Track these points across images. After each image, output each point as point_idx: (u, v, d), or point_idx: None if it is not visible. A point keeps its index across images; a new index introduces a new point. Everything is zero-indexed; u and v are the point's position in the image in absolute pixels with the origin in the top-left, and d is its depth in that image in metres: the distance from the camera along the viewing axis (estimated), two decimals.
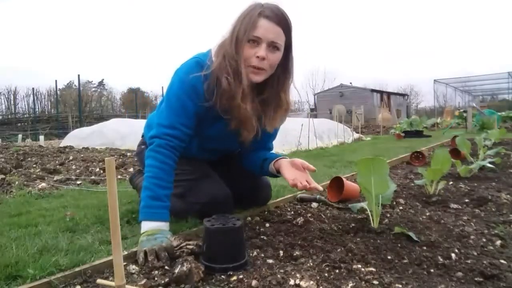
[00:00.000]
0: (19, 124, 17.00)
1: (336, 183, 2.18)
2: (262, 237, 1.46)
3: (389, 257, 1.23)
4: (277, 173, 1.65)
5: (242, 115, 1.49)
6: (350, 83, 30.52)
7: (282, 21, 1.44)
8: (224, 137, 1.64)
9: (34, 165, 4.02)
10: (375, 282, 1.04)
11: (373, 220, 1.56)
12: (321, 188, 1.54)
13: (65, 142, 7.56)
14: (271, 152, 1.84)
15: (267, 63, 1.45)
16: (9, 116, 18.34)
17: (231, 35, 1.45)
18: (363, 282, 1.04)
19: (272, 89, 1.55)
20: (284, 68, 1.54)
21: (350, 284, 1.02)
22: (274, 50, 1.45)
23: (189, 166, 1.70)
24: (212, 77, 1.46)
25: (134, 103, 23.80)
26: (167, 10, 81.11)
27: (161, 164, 1.44)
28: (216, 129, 1.61)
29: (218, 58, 1.46)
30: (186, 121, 1.50)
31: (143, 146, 1.89)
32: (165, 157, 1.45)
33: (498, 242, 1.37)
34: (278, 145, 5.37)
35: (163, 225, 1.37)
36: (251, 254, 1.27)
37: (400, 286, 1.02)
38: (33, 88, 18.45)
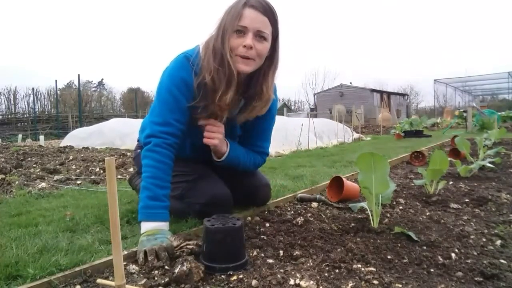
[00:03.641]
0: (19, 124, 16.97)
1: (336, 183, 2.18)
2: (262, 237, 1.46)
3: (389, 257, 1.23)
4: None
5: (217, 108, 1.50)
6: (350, 83, 30.50)
7: (268, 11, 1.44)
8: None
9: (34, 165, 4.02)
10: (375, 282, 1.04)
11: (373, 220, 1.56)
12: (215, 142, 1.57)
13: (65, 142, 7.56)
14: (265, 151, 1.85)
15: (254, 53, 1.44)
16: (9, 116, 18.30)
17: (218, 30, 1.46)
18: (363, 282, 1.04)
19: (257, 83, 1.54)
20: (270, 60, 1.53)
21: (350, 284, 1.02)
22: (261, 40, 1.45)
23: (187, 167, 1.70)
24: (201, 75, 1.47)
25: (134, 103, 23.78)
26: (167, 9, 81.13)
27: (159, 164, 1.43)
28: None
29: (205, 56, 1.46)
30: (179, 116, 1.50)
31: (139, 150, 1.88)
32: (163, 156, 1.44)
33: (498, 242, 1.37)
34: (278, 145, 5.37)
35: (163, 225, 1.37)
36: (251, 254, 1.27)
37: (400, 286, 1.02)
38: (33, 88, 18.42)
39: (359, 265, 1.15)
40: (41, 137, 9.62)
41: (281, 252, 1.28)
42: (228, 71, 1.43)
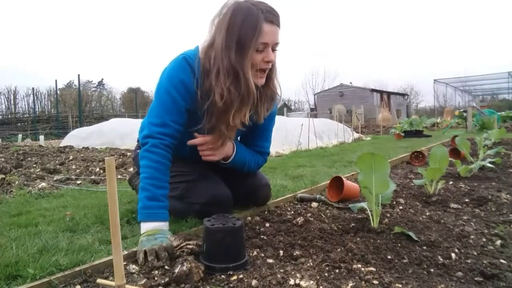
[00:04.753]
0: (19, 124, 16.98)
1: (336, 183, 2.18)
2: (262, 237, 1.46)
3: (389, 257, 1.23)
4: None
5: (224, 129, 1.50)
6: (350, 82, 30.52)
7: (279, 22, 1.45)
8: None
9: (34, 165, 4.02)
10: (375, 282, 1.04)
11: (373, 220, 1.56)
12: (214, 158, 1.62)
13: (65, 142, 7.56)
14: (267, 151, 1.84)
15: (270, 64, 1.47)
16: (9, 116, 18.32)
17: (229, 42, 1.38)
18: (363, 282, 1.04)
19: (267, 83, 1.54)
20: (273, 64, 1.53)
21: (350, 284, 1.02)
22: (275, 51, 1.47)
23: (187, 167, 1.70)
24: (208, 94, 1.45)
25: (134, 102, 23.79)
26: (167, 9, 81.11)
27: (156, 164, 1.43)
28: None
29: (212, 72, 1.41)
30: (177, 118, 1.49)
31: (138, 150, 1.88)
32: (160, 156, 1.44)
33: (498, 242, 1.37)
34: (278, 145, 5.37)
35: (163, 225, 1.37)
36: (251, 254, 1.27)
37: (400, 286, 1.02)
38: (33, 88, 18.43)
39: (359, 265, 1.15)
40: (41, 137, 9.62)
41: (281, 252, 1.28)
42: (245, 90, 1.41)
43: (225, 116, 1.46)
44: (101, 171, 3.60)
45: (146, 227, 1.34)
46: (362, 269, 1.13)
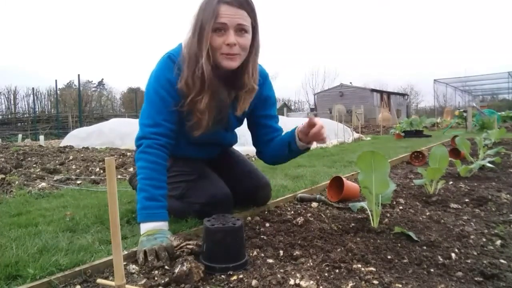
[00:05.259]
0: (19, 124, 16.99)
1: (336, 183, 2.18)
2: (262, 236, 1.46)
3: (389, 257, 1.23)
4: (307, 144, 1.59)
5: (198, 113, 1.49)
6: (350, 82, 30.54)
7: (244, 3, 1.42)
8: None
9: (34, 165, 4.02)
10: (375, 281, 1.04)
11: (373, 220, 1.56)
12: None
13: (65, 142, 7.57)
14: (283, 132, 1.78)
15: (238, 48, 1.43)
16: (9, 116, 18.33)
17: (193, 29, 1.44)
18: (363, 282, 1.04)
19: (242, 73, 1.52)
20: (250, 50, 1.51)
21: (350, 284, 1.02)
22: (243, 33, 1.43)
23: (187, 167, 1.70)
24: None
25: (134, 103, 23.77)
26: (167, 9, 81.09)
27: (152, 165, 1.43)
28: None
29: (185, 60, 1.45)
30: (168, 117, 1.49)
31: None
32: (156, 156, 1.44)
33: (498, 242, 1.37)
34: None
35: (163, 225, 1.37)
36: (251, 254, 1.27)
37: (400, 286, 1.02)
38: (33, 88, 18.44)
39: (359, 265, 1.15)
40: (41, 137, 9.62)
41: (281, 252, 1.28)
42: (201, 75, 1.42)
43: (192, 100, 1.46)
44: (101, 171, 3.60)
45: (145, 227, 1.34)
46: (362, 269, 1.13)
